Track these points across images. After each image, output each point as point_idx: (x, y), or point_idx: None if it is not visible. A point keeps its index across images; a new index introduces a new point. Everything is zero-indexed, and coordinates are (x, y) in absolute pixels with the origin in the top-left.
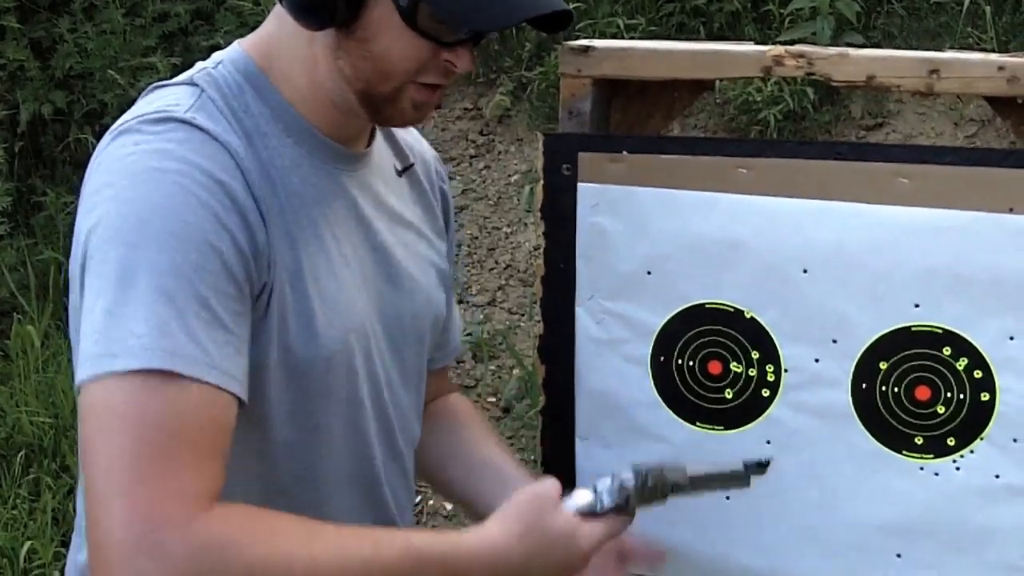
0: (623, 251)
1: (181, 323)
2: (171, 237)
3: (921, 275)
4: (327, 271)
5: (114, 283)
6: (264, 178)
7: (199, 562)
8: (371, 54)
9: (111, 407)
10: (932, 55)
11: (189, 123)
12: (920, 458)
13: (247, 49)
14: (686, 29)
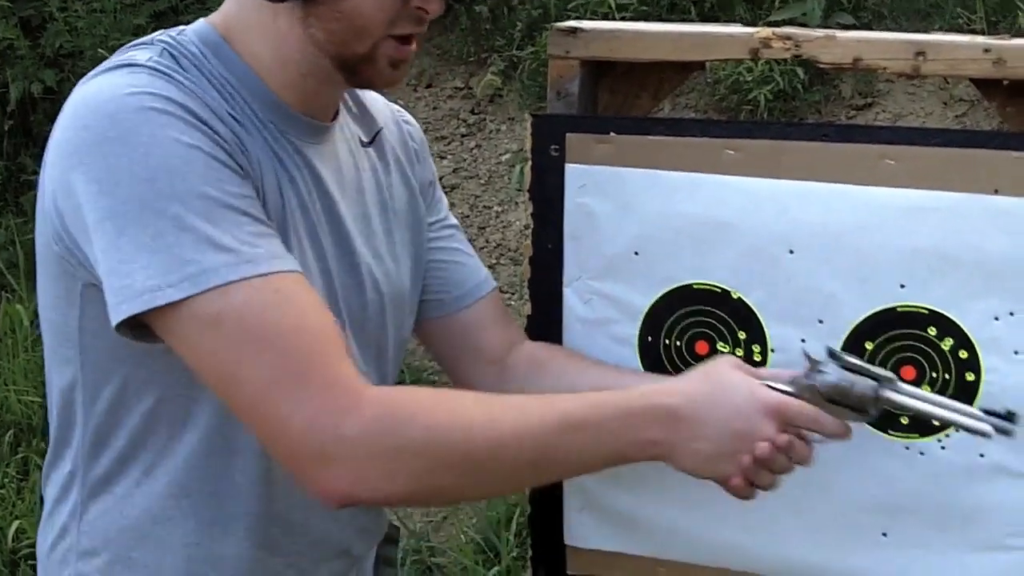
0: (610, 232)
1: (228, 234)
2: (179, 161)
3: (907, 256)
4: (288, 238)
5: (140, 220)
6: (231, 134)
7: (379, 436)
8: (343, 14)
9: (219, 331)
10: (918, 37)
11: (152, 68)
12: (906, 437)
13: (210, 21)
14: (677, 9)
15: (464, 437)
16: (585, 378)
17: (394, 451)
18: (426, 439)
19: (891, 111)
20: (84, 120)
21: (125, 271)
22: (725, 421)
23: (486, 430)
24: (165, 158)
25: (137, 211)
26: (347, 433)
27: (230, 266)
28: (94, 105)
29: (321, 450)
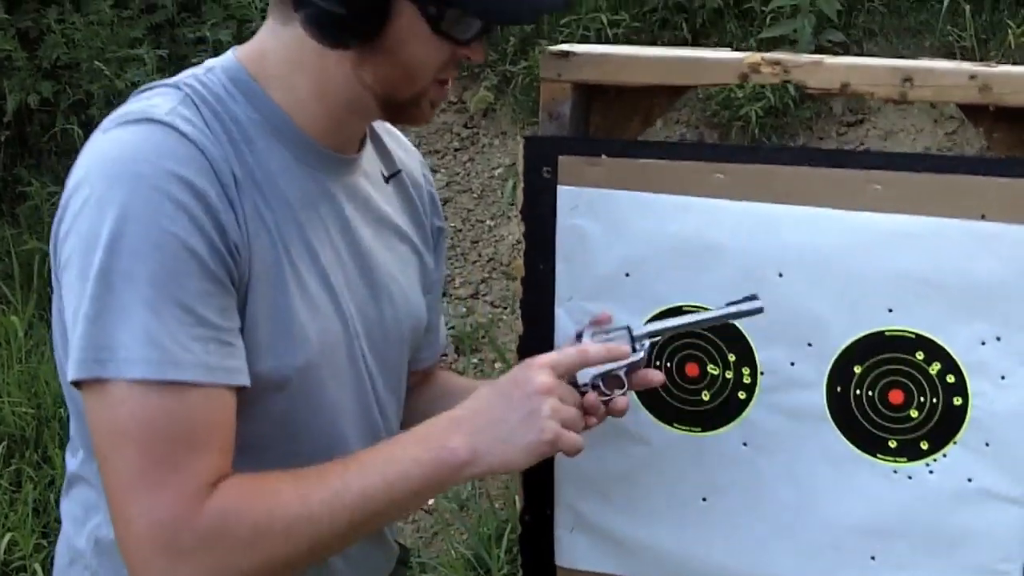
0: (602, 253)
1: (164, 331)
2: (148, 244)
3: (894, 280)
4: (313, 273)
5: (96, 289)
6: (247, 179)
7: (211, 543)
8: (398, 62)
9: (112, 417)
10: (905, 64)
11: (166, 124)
12: (894, 461)
13: (240, 58)
14: (669, 25)
15: (284, 528)
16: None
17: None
18: (252, 540)
19: (881, 128)
20: (94, 179)
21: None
22: (503, 395)
23: (300, 516)
24: (142, 240)
25: (99, 281)
26: (183, 543)
27: (152, 363)
28: (106, 161)
29: (155, 549)
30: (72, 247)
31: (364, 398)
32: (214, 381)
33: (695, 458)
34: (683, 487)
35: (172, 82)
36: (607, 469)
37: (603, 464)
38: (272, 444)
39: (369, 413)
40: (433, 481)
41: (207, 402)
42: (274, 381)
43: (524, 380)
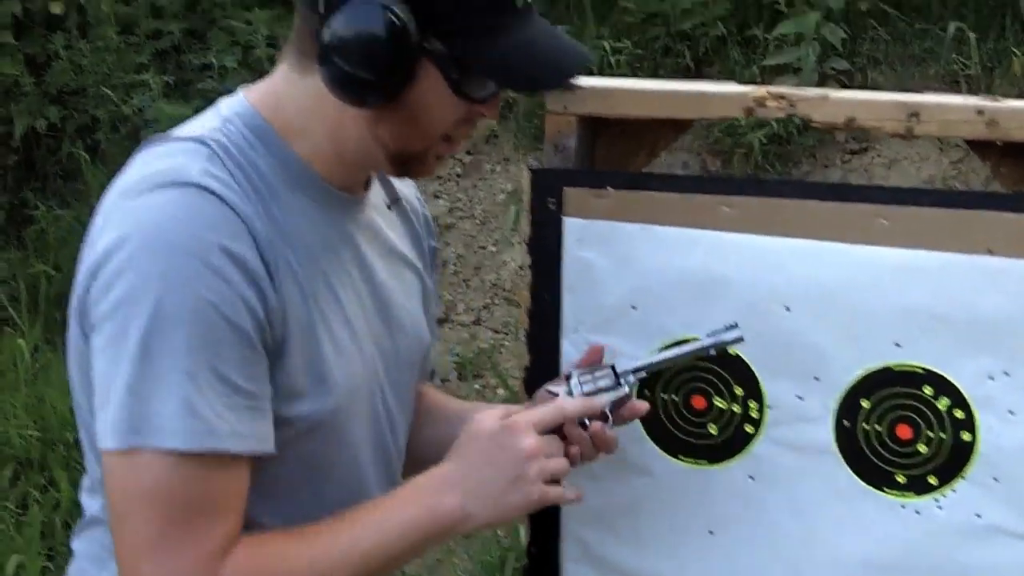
0: (608, 285)
1: (203, 401)
2: (186, 314)
3: (901, 315)
4: (339, 319)
5: (134, 358)
6: (276, 235)
7: None
8: (415, 120)
9: (137, 481)
10: (912, 98)
11: (202, 187)
12: (902, 496)
13: (254, 103)
14: (672, 53)
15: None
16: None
17: None
18: None
19: (886, 156)
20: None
21: (105, 399)
22: (490, 458)
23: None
24: (181, 310)
25: (138, 351)
26: None
27: (191, 434)
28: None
29: None
30: (107, 311)
31: (380, 428)
32: (244, 450)
33: (701, 491)
34: (689, 520)
35: (197, 136)
36: (613, 501)
37: (609, 496)
38: (301, 485)
39: (383, 441)
40: (429, 538)
41: (232, 470)
42: (308, 426)
43: (510, 445)
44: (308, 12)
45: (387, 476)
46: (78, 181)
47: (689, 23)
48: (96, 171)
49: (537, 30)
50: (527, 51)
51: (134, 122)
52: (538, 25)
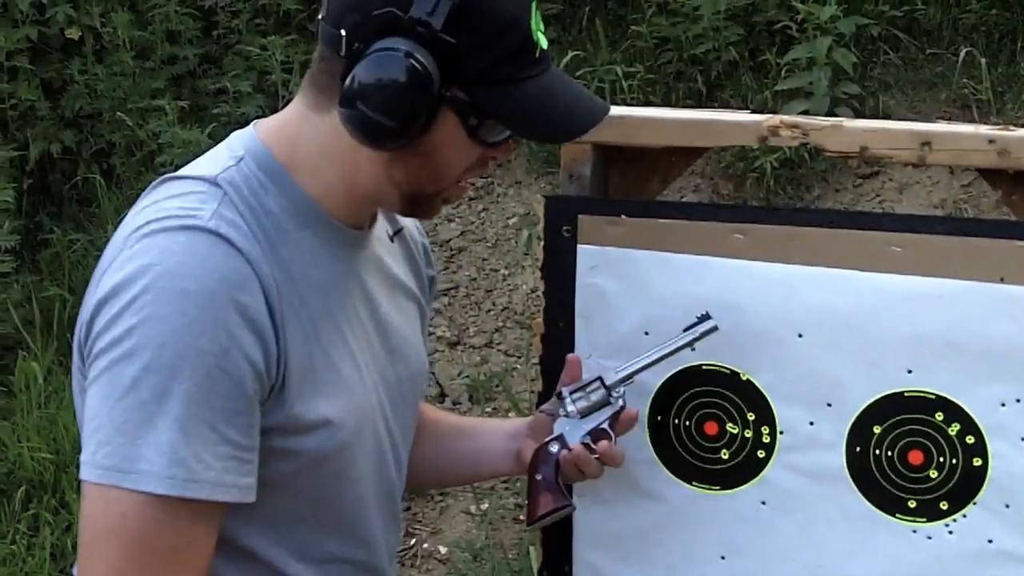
0: (621, 311)
1: (189, 450)
2: (185, 363)
3: (913, 342)
4: (344, 356)
5: (127, 399)
6: (284, 277)
7: None
8: (430, 163)
9: (108, 517)
10: (924, 127)
11: (214, 233)
12: (913, 521)
13: (267, 140)
14: (684, 77)
15: None
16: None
17: None
18: None
19: (897, 181)
20: (137, 288)
21: (92, 431)
22: None
23: None
24: (179, 359)
25: (132, 393)
26: None
27: (175, 481)
28: (152, 272)
29: None
30: (105, 347)
31: (383, 460)
32: (225, 499)
33: (713, 516)
34: (701, 545)
35: (210, 177)
36: (625, 526)
37: (621, 521)
38: (303, 517)
39: (386, 472)
40: None
41: (204, 522)
42: (313, 461)
43: None
44: (330, 54)
45: (388, 507)
46: (93, 205)
47: (701, 48)
48: (111, 195)
49: (555, 79)
50: (546, 102)
51: (149, 146)
52: (555, 75)
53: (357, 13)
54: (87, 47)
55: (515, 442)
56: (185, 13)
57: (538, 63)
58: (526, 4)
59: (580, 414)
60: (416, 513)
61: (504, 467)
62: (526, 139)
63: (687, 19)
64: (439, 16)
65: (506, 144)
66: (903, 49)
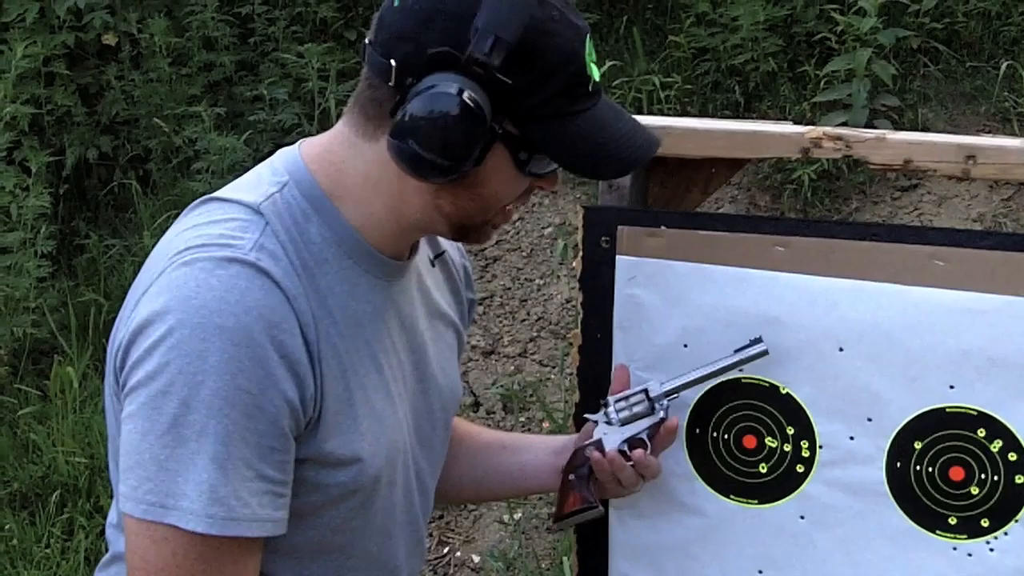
0: (659, 323)
1: (228, 488)
2: (222, 401)
3: (956, 357)
4: (378, 389)
5: (165, 435)
6: (321, 310)
7: None
8: (480, 196)
9: (157, 555)
10: (969, 140)
11: (253, 265)
12: (954, 538)
13: (311, 165)
14: (721, 88)
15: None
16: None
17: None
18: None
19: (936, 194)
20: (174, 320)
21: (131, 465)
22: None
23: None
24: (217, 397)
25: (171, 430)
26: None
27: (214, 520)
28: (190, 305)
29: None
30: (143, 380)
31: (410, 491)
32: (261, 534)
33: (751, 531)
34: (739, 560)
35: (253, 204)
36: (662, 540)
37: (658, 535)
38: (329, 549)
39: (412, 501)
40: None
41: (246, 555)
42: (342, 494)
43: None
44: (379, 82)
45: (414, 537)
46: (129, 211)
47: (740, 59)
48: (147, 201)
49: (607, 112)
50: (597, 137)
51: (185, 153)
52: (608, 107)
53: (409, 44)
54: (124, 53)
55: (560, 458)
56: (222, 20)
57: (591, 96)
58: (581, 38)
59: (621, 422)
60: (449, 522)
61: (549, 483)
62: (577, 175)
63: (725, 29)
64: (496, 56)
65: (553, 175)
66: (943, 61)
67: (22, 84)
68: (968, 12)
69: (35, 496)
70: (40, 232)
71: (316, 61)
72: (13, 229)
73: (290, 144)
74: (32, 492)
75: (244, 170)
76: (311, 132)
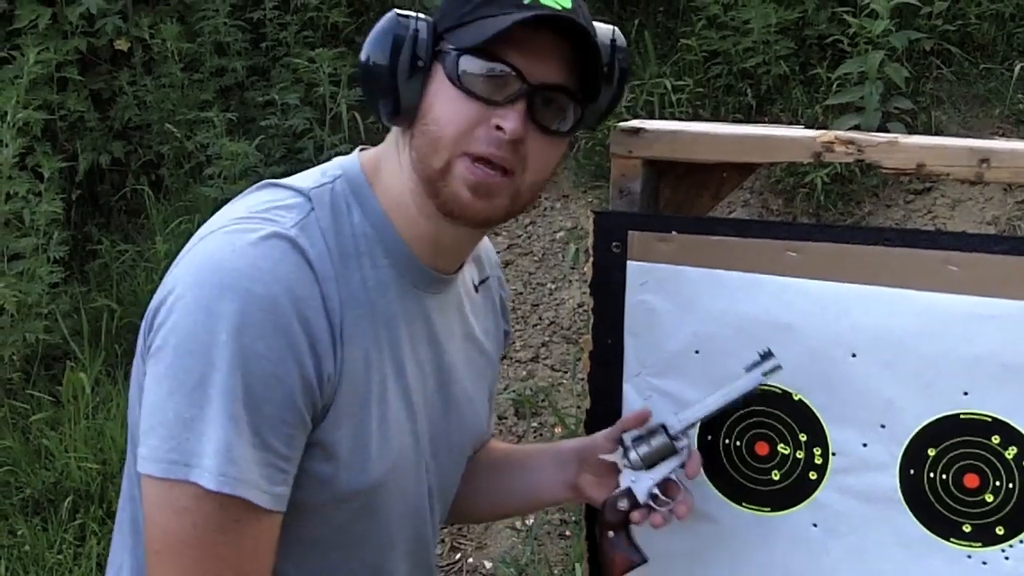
0: (671, 329)
1: (241, 451)
2: (242, 363)
3: (969, 363)
4: (397, 390)
5: (189, 393)
6: (352, 298)
7: None
8: (427, 127)
9: (177, 522)
10: (982, 144)
11: (290, 240)
12: (968, 546)
13: (363, 160)
14: (733, 91)
15: None
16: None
17: None
18: None
19: (950, 197)
20: (205, 281)
21: (154, 425)
22: None
23: None
24: (238, 359)
25: (197, 389)
26: None
27: (228, 478)
28: (221, 269)
29: None
30: (167, 339)
31: (420, 507)
32: (257, 502)
33: (763, 538)
34: (750, 567)
35: (304, 189)
36: (673, 547)
37: (669, 543)
38: (329, 549)
39: (420, 519)
40: None
41: (261, 531)
42: (344, 494)
43: None
44: None
45: (420, 553)
46: (141, 216)
47: (751, 62)
48: (159, 206)
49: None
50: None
51: (197, 158)
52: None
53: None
54: (136, 58)
55: (565, 471)
56: (234, 25)
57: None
58: None
59: (644, 462)
60: (461, 528)
61: (560, 496)
62: (463, 47)
63: (737, 32)
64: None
65: (511, 109)
66: (956, 64)
67: (35, 89)
68: (981, 14)
69: (47, 502)
70: (52, 238)
71: (327, 66)
72: (26, 235)
73: (302, 149)
74: (44, 498)
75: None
76: (322, 137)
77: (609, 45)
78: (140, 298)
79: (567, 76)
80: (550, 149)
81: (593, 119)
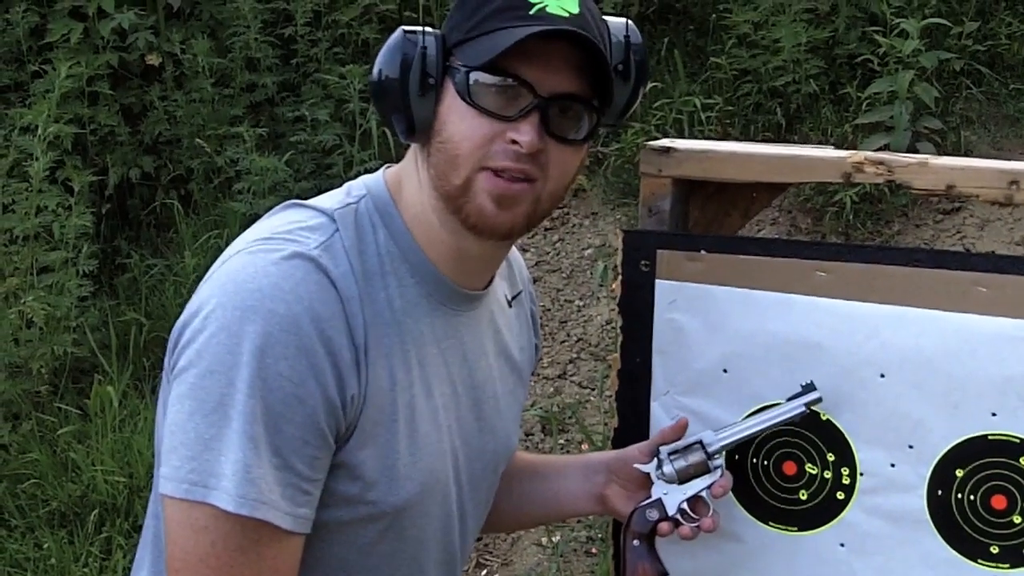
0: (699, 348)
1: (261, 472)
2: (264, 384)
3: (998, 384)
4: (426, 411)
5: (209, 413)
6: (378, 319)
7: None
8: (443, 144)
9: (196, 542)
10: (1012, 166)
11: (313, 260)
12: (995, 568)
13: (387, 178)
14: (763, 109)
15: None
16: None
17: None
18: None
19: (979, 216)
20: (228, 302)
21: (175, 445)
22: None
23: None
24: (260, 380)
25: (217, 410)
26: None
27: (247, 500)
28: (245, 289)
29: None
30: (190, 360)
31: (449, 526)
32: (278, 524)
33: (790, 558)
34: None
35: (328, 210)
36: (700, 566)
37: (696, 561)
38: (353, 569)
39: (450, 539)
40: None
41: (282, 552)
42: (370, 514)
43: None
44: None
45: (447, 574)
46: (170, 231)
47: (781, 80)
48: (188, 221)
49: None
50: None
51: (227, 173)
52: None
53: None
54: (167, 73)
55: (592, 482)
56: (264, 41)
57: (531, 19)
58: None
59: (678, 476)
60: (487, 544)
61: (585, 508)
62: (469, 64)
63: (767, 51)
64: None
65: (525, 123)
66: (986, 84)
67: (65, 104)
68: (1011, 34)
69: (74, 515)
70: (82, 251)
71: (357, 82)
72: (55, 248)
73: (331, 164)
74: (71, 511)
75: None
76: (352, 153)
77: (623, 41)
78: (168, 312)
79: (579, 83)
80: (568, 157)
81: (612, 119)
